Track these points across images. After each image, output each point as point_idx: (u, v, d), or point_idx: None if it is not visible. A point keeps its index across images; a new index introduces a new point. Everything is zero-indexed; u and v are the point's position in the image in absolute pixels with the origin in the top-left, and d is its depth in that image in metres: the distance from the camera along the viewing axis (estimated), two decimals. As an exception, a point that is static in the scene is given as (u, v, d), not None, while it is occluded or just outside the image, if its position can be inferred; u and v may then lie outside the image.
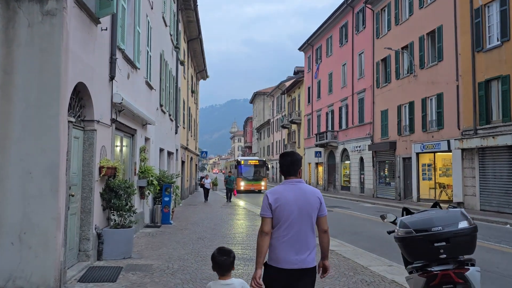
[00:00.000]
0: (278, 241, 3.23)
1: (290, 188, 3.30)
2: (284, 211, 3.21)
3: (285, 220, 3.22)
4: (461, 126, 20.37)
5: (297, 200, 3.24)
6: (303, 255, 3.21)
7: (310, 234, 3.27)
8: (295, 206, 3.22)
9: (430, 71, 23.04)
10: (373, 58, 29.78)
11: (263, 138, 75.41)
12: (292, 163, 3.40)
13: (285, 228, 3.22)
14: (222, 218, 15.29)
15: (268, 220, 3.23)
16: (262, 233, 3.23)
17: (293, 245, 3.20)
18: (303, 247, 3.22)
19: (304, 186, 3.35)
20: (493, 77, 18.39)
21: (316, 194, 3.33)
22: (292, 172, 3.38)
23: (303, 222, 3.23)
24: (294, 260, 3.19)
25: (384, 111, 28.02)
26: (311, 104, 43.58)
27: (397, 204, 23.00)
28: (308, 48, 44.65)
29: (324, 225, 3.36)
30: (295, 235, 3.21)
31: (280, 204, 3.21)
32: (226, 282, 3.09)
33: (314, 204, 3.29)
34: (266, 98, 74.37)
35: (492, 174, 18.57)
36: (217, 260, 3.10)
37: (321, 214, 3.32)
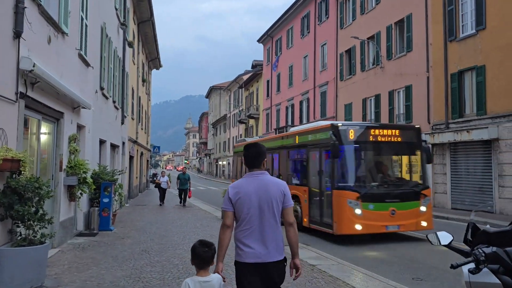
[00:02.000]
0: (241, 235, 3.16)
1: (252, 181, 3.22)
2: (245, 204, 3.15)
3: (246, 214, 3.15)
4: (431, 120, 19.29)
5: (258, 192, 3.16)
6: (267, 248, 3.12)
7: (274, 227, 3.17)
8: (256, 199, 3.15)
9: (398, 62, 21.89)
10: (336, 49, 28.46)
11: (219, 133, 73.19)
12: (256, 155, 3.31)
13: (247, 222, 3.15)
14: (175, 222, 13.14)
15: (229, 213, 3.18)
16: (223, 227, 3.18)
17: (256, 238, 3.12)
18: (267, 240, 3.13)
19: (267, 178, 3.25)
20: (467, 68, 17.36)
21: (279, 186, 3.22)
22: (256, 164, 3.29)
23: (265, 214, 3.14)
24: (259, 254, 3.10)
25: (348, 105, 26.76)
26: (270, 98, 41.94)
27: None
28: (268, 40, 42.94)
29: (290, 218, 3.23)
30: (257, 228, 3.13)
31: (241, 197, 3.16)
32: (205, 279, 2.92)
33: (277, 196, 3.18)
34: (223, 92, 72.18)
35: (465, 170, 17.57)
36: (198, 251, 2.95)
37: (285, 205, 3.22)
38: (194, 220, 13.55)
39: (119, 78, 16.04)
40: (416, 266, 7.58)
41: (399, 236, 11.00)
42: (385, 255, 8.65)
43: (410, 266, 7.61)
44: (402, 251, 9.00)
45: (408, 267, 7.58)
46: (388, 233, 10.27)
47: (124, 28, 15.72)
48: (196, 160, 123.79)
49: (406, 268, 7.52)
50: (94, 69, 11.12)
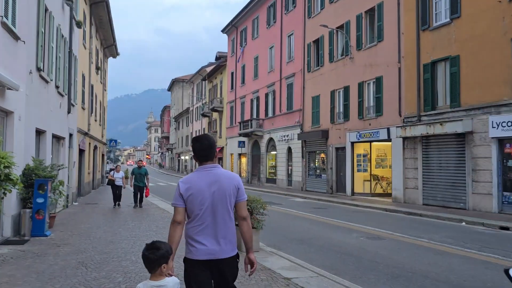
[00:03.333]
0: (193, 232, 3.02)
1: (203, 175, 3.07)
2: (197, 200, 3.00)
3: (198, 209, 3.01)
4: (402, 113, 18.53)
5: (211, 187, 3.02)
6: (219, 244, 3.00)
7: (228, 222, 3.06)
8: (208, 194, 3.01)
9: (368, 53, 21.04)
10: (304, 39, 27.40)
11: (181, 127, 71.06)
12: (209, 147, 3.14)
13: (200, 218, 3.01)
14: (126, 224, 11.58)
15: (180, 209, 3.04)
16: (174, 223, 3.04)
17: (208, 234, 3.00)
18: (219, 236, 3.01)
19: (219, 171, 3.10)
20: (441, 58, 16.64)
21: (232, 180, 3.10)
22: (209, 156, 3.13)
23: (218, 210, 3.02)
24: (211, 250, 2.98)
25: (315, 97, 25.78)
26: (234, 90, 40.52)
27: (329, 198, 20.84)
28: (232, 30, 41.44)
29: (243, 211, 3.13)
30: (210, 224, 3.01)
31: (193, 193, 3.01)
32: (159, 283, 2.68)
33: (230, 190, 3.06)
34: (185, 85, 70.02)
35: (437, 165, 16.90)
36: (143, 254, 2.73)
37: (239, 199, 3.11)
38: (149, 221, 12.03)
39: (65, 61, 14.20)
40: (399, 272, 6.50)
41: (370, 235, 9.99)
42: (367, 260, 7.53)
43: (396, 274, 6.51)
44: (374, 251, 7.94)
45: (394, 274, 6.48)
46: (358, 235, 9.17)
47: (70, 4, 13.88)
48: (157, 155, 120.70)
49: (395, 277, 6.41)
50: (27, 45, 9.39)
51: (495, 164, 14.36)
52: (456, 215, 13.87)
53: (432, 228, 11.67)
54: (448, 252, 8.40)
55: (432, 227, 12.05)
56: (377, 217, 14.38)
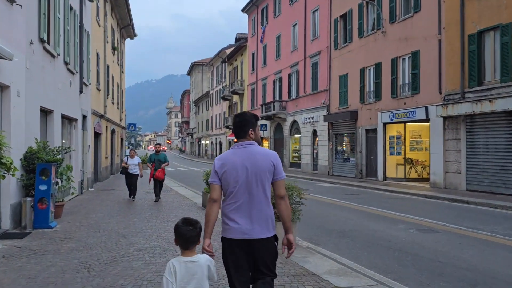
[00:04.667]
0: (227, 210, 2.97)
1: (239, 152, 3.01)
2: (231, 176, 2.94)
3: (232, 187, 2.95)
4: (443, 90, 16.84)
5: (245, 164, 2.95)
6: (253, 224, 2.91)
7: (263, 201, 2.96)
8: (242, 171, 2.94)
9: (403, 26, 19.27)
10: (330, 15, 25.65)
11: (201, 112, 70.09)
12: (239, 124, 3.09)
13: (234, 195, 2.95)
14: (142, 212, 10.48)
15: (216, 186, 3.00)
16: (210, 201, 2.98)
17: (242, 213, 2.93)
18: (253, 216, 2.92)
19: (255, 148, 3.03)
20: (489, 27, 14.84)
21: (269, 157, 3.00)
22: (241, 134, 3.08)
23: (253, 188, 2.94)
24: (245, 230, 2.90)
25: (343, 76, 24.15)
26: (255, 72, 39.05)
27: (360, 183, 19.40)
28: (253, 9, 39.77)
29: (281, 190, 3.02)
30: (244, 202, 2.93)
31: (227, 170, 2.96)
32: (191, 259, 2.69)
33: (266, 167, 2.96)
34: (205, 68, 68.72)
35: (484, 146, 15.25)
36: (181, 231, 2.70)
37: (277, 177, 3.01)
38: (168, 210, 10.91)
39: (75, 36, 13.05)
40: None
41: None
42: (428, 260, 6.19)
43: (473, 279, 5.16)
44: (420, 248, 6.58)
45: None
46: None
47: (78, -28, 12.67)
48: (178, 140, 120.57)
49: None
50: (26, 11, 8.21)
51: (554, 145, 12.68)
52: (509, 203, 12.32)
53: (489, 218, 10.19)
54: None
55: (487, 216, 10.56)
56: (418, 205, 12.94)
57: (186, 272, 2.63)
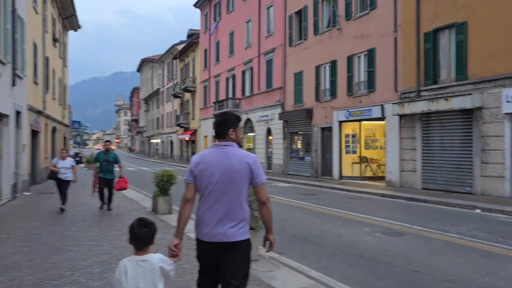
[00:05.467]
0: (200, 211, 2.92)
1: (215, 152, 2.94)
2: (205, 177, 2.88)
3: (206, 187, 2.89)
4: (399, 88, 16.76)
5: (221, 165, 2.88)
6: (225, 227, 2.84)
7: (238, 204, 2.89)
8: (218, 172, 2.87)
9: (359, 23, 19.08)
10: (285, 11, 25.18)
11: (151, 109, 67.91)
12: (221, 123, 3.03)
13: (207, 196, 2.89)
14: (84, 219, 9.33)
15: (190, 185, 2.95)
16: (183, 200, 2.95)
17: (215, 215, 2.86)
18: (226, 218, 2.85)
19: (232, 150, 2.94)
20: (445, 26, 14.86)
21: (246, 160, 2.90)
22: (221, 134, 3.01)
23: (226, 190, 2.86)
24: (215, 233, 2.84)
25: (298, 74, 23.76)
26: (208, 69, 38.02)
27: (316, 183, 19.04)
28: (205, 4, 38.70)
29: (261, 196, 2.95)
30: (217, 204, 2.86)
31: (202, 169, 2.90)
32: (143, 257, 2.63)
33: (241, 170, 2.88)
34: (156, 65, 66.65)
35: (440, 145, 15.26)
36: (136, 232, 2.64)
37: (256, 182, 2.93)
38: (113, 216, 9.82)
39: (6, 22, 11.58)
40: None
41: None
42: (403, 269, 5.66)
43: None
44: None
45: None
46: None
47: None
48: (127, 138, 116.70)
49: None
50: None
51: (508, 143, 12.79)
52: (466, 201, 12.27)
53: (451, 218, 9.96)
54: (495, 252, 6.63)
55: (449, 216, 10.34)
56: (378, 205, 12.63)
57: (137, 271, 2.59)
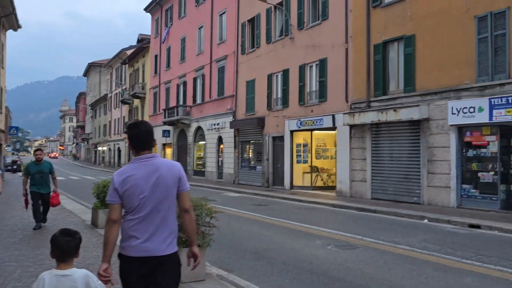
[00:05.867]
0: (128, 226, 2.77)
1: (141, 166, 2.80)
2: (135, 193, 2.75)
3: (136, 203, 2.75)
4: (349, 98, 16.89)
5: (150, 178, 2.77)
6: (157, 240, 2.75)
7: (168, 216, 2.82)
8: (148, 185, 2.76)
9: (311, 33, 19.14)
10: (237, 18, 24.94)
11: (98, 116, 65.33)
12: (147, 133, 2.91)
13: (137, 210, 2.75)
14: (11, 237, 8.38)
15: (115, 206, 2.78)
16: (109, 222, 2.76)
17: (145, 229, 2.74)
18: (158, 231, 2.76)
19: (160, 160, 2.87)
20: (394, 38, 15.14)
21: (173, 169, 2.87)
22: (147, 145, 2.89)
23: (159, 202, 2.78)
24: (146, 247, 2.72)
25: (250, 82, 23.52)
26: (158, 75, 37.03)
27: (267, 192, 18.78)
28: (156, 9, 37.79)
29: (185, 203, 2.91)
30: (148, 217, 2.75)
31: (130, 186, 2.75)
32: (65, 272, 2.47)
33: (171, 180, 2.83)
34: (103, 70, 64.37)
35: (388, 155, 15.45)
36: (58, 241, 2.51)
37: (182, 189, 2.89)
38: (46, 232, 8.91)
39: None
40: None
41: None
42: (359, 287, 5.37)
43: None
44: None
45: None
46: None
47: None
48: (72, 146, 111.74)
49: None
50: None
51: (454, 154, 13.11)
52: (415, 211, 12.39)
53: (401, 229, 9.93)
54: (447, 265, 6.52)
55: (399, 227, 10.32)
56: (329, 216, 12.48)
57: (56, 286, 2.44)
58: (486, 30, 12.37)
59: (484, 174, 12.66)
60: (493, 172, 12.39)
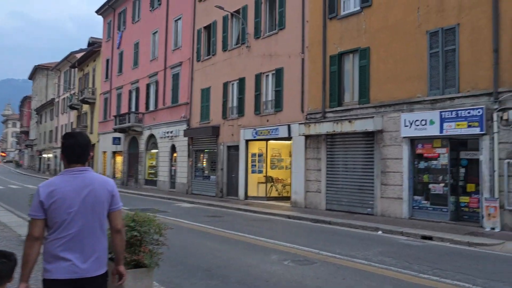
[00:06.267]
0: (53, 246, 2.58)
1: (71, 179, 2.64)
2: (62, 208, 2.57)
3: (62, 220, 2.57)
4: (305, 109, 16.85)
5: (80, 193, 2.61)
6: (86, 261, 2.59)
7: (98, 234, 2.67)
8: (77, 201, 2.60)
9: (267, 42, 19.03)
10: (193, 25, 24.48)
11: (44, 121, 62.19)
12: (85, 146, 2.74)
13: (63, 229, 2.57)
14: None
15: (39, 222, 2.58)
16: (30, 238, 2.56)
17: (73, 249, 2.57)
18: (87, 251, 2.60)
19: (91, 175, 2.71)
20: (349, 50, 15.28)
21: (105, 185, 2.73)
22: (83, 158, 2.72)
23: (87, 220, 2.62)
24: (75, 268, 2.55)
25: (205, 90, 23.06)
26: (110, 80, 35.69)
27: (221, 203, 18.32)
28: (109, 12, 36.54)
29: (117, 223, 2.76)
30: (76, 236, 2.58)
31: (56, 200, 2.56)
32: None
33: (104, 197, 2.69)
34: (51, 73, 61.55)
35: (343, 166, 15.48)
36: None
37: (113, 208, 2.74)
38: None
39: None
40: None
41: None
42: None
43: None
44: None
45: None
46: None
47: None
48: (15, 152, 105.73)
49: None
50: None
51: (406, 165, 13.30)
52: (369, 223, 12.40)
53: (356, 242, 9.82)
54: (405, 280, 6.39)
55: (353, 239, 10.22)
56: (285, 228, 12.23)
57: None
58: (437, 45, 12.70)
59: (434, 185, 12.90)
60: (443, 184, 12.66)
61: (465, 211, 12.56)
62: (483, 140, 11.69)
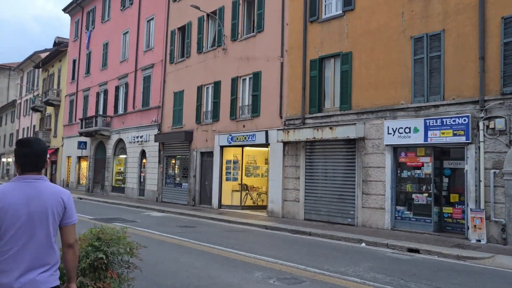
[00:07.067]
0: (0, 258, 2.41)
1: (21, 187, 2.46)
2: (7, 217, 2.37)
3: (8, 230, 2.38)
4: (284, 114, 16.22)
5: (29, 203, 2.43)
6: (34, 273, 2.38)
7: (47, 247, 2.47)
8: (24, 211, 2.41)
9: (245, 44, 18.35)
10: (167, 25, 23.55)
11: (4, 124, 59.22)
12: (41, 154, 2.55)
13: (8, 240, 2.38)
14: None
15: None
16: None
17: (21, 261, 2.37)
18: (34, 264, 2.40)
19: (43, 184, 2.52)
20: (330, 54, 14.78)
21: (59, 195, 2.53)
22: (39, 166, 2.55)
23: (35, 232, 2.43)
24: (22, 283, 2.34)
25: (178, 93, 22.12)
26: (76, 81, 34.11)
27: (194, 212, 17.40)
28: (77, 10, 35.03)
29: (70, 238, 2.56)
30: (21, 250, 2.39)
31: (2, 208, 2.37)
32: None
33: (55, 208, 2.49)
34: (13, 73, 58.75)
35: (323, 174, 14.89)
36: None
37: (67, 222, 2.55)
38: None
39: None
40: None
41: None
42: None
43: None
44: None
45: None
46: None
47: None
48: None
49: None
50: None
51: (389, 174, 12.83)
52: (351, 234, 11.82)
53: (342, 255, 9.18)
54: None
55: (338, 252, 9.58)
56: (264, 239, 11.47)
57: None
58: (422, 51, 12.35)
59: (418, 195, 12.49)
60: (427, 194, 12.26)
61: (449, 222, 12.21)
62: (468, 149, 11.35)
